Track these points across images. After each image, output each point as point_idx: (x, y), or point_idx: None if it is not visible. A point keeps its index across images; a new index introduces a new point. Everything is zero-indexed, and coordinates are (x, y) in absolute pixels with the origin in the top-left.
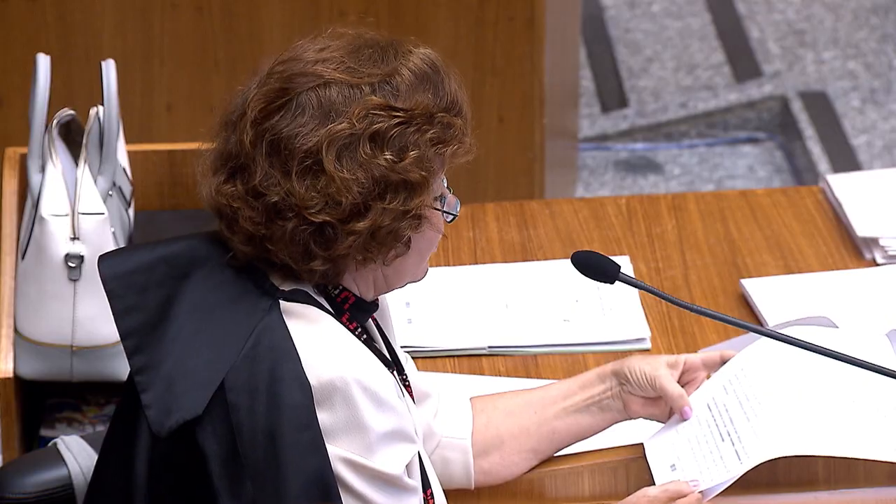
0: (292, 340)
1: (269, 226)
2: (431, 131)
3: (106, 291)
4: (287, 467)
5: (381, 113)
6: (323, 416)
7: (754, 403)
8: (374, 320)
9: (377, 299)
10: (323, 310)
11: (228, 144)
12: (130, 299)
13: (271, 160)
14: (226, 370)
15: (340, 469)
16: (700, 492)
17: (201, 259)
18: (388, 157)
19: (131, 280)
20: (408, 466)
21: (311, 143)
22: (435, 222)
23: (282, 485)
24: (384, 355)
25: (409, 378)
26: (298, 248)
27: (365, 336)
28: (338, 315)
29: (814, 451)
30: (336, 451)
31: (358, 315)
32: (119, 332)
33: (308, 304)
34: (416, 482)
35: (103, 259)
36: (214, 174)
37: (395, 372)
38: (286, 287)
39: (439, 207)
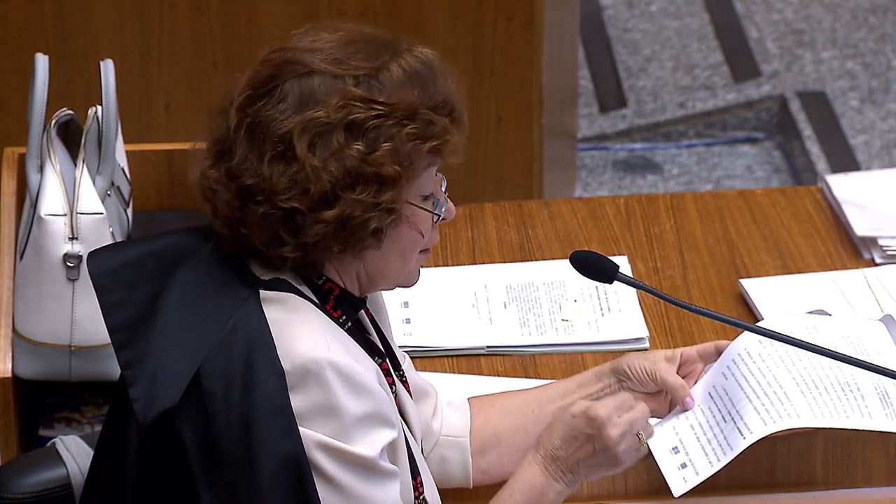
0: (268, 327)
1: (243, 209)
2: (411, 126)
3: (94, 287)
4: (260, 452)
5: (360, 104)
6: (297, 400)
7: (753, 383)
8: (368, 313)
9: (366, 297)
10: (304, 297)
11: (219, 130)
12: (118, 294)
13: (250, 144)
14: (201, 358)
15: (315, 454)
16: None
17: (187, 253)
18: (359, 147)
19: (119, 275)
20: (391, 452)
21: (286, 129)
22: (416, 221)
23: (256, 470)
24: (375, 345)
25: (405, 374)
26: (269, 232)
27: (349, 325)
28: (322, 303)
29: (815, 424)
30: (311, 434)
31: (344, 307)
32: (107, 327)
33: (288, 292)
34: (395, 467)
35: (92, 255)
36: (204, 158)
37: (386, 362)
38: (267, 276)
39: (424, 206)
